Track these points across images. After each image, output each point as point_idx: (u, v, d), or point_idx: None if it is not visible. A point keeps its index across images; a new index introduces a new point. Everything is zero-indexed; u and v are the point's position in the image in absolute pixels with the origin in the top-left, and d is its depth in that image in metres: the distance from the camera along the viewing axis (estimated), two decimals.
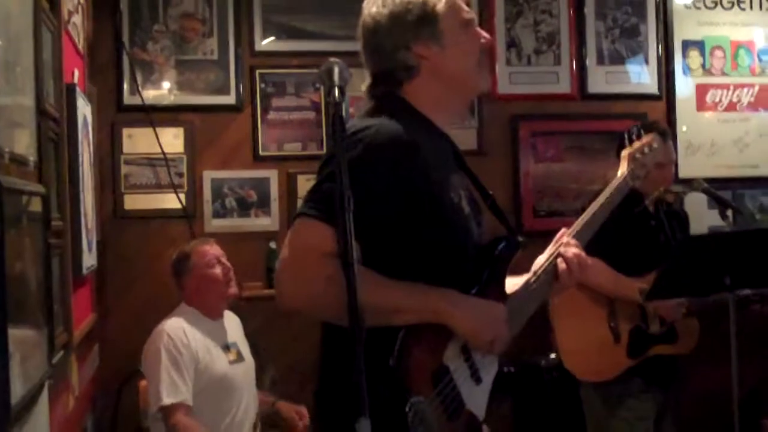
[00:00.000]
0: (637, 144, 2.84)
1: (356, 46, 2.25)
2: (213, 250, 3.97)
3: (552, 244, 2.37)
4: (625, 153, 2.81)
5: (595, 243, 3.76)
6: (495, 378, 2.18)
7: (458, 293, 2.06)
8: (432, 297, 2.00)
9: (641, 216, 3.97)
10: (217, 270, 3.90)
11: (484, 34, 2.27)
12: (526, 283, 2.28)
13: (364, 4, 2.23)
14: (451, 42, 2.18)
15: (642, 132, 2.92)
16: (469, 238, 2.17)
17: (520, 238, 2.25)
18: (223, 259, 3.96)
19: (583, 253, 2.32)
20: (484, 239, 2.25)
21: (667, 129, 4.12)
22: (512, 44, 5.31)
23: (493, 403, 2.17)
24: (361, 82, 2.26)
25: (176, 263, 3.97)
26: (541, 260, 2.33)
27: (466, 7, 2.25)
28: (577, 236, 2.41)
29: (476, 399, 2.11)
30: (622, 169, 2.75)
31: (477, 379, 2.12)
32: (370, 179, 1.93)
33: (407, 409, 1.89)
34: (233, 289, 3.96)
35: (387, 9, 2.16)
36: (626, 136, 2.93)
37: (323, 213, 1.90)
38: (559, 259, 2.29)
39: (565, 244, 2.33)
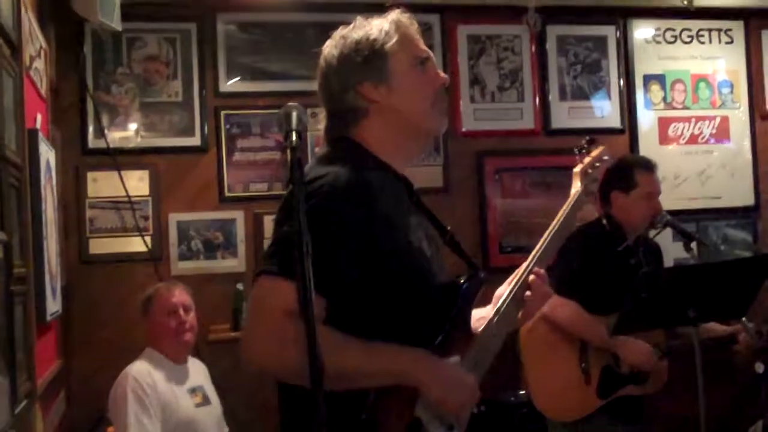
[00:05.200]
0: (587, 159, 2.81)
1: None
2: (176, 297, 3.93)
3: (513, 275, 2.34)
4: (576, 170, 2.78)
5: (576, 282, 3.74)
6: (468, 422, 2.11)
7: (428, 356, 1.99)
8: (400, 362, 1.94)
9: (623, 253, 3.98)
10: (171, 321, 3.87)
11: (441, 73, 2.20)
12: (490, 320, 2.21)
13: (323, 47, 2.19)
14: (401, 82, 2.12)
15: (591, 147, 2.87)
16: (432, 280, 2.11)
17: (482, 274, 2.19)
18: (181, 310, 3.91)
19: (544, 283, 2.29)
20: (445, 278, 2.18)
21: (652, 161, 4.14)
22: (476, 81, 5.35)
23: None
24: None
25: (142, 303, 3.97)
26: (501, 292, 2.30)
27: (421, 45, 2.19)
28: (537, 264, 2.36)
29: None
30: (575, 187, 2.73)
31: (449, 427, 2.04)
32: (330, 230, 1.88)
33: None
34: (186, 338, 3.92)
35: (338, 50, 2.14)
36: (576, 151, 2.87)
37: (285, 269, 1.83)
38: (527, 292, 2.27)
39: (527, 272, 2.30)
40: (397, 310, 2.00)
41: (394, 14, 2.18)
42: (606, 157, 2.87)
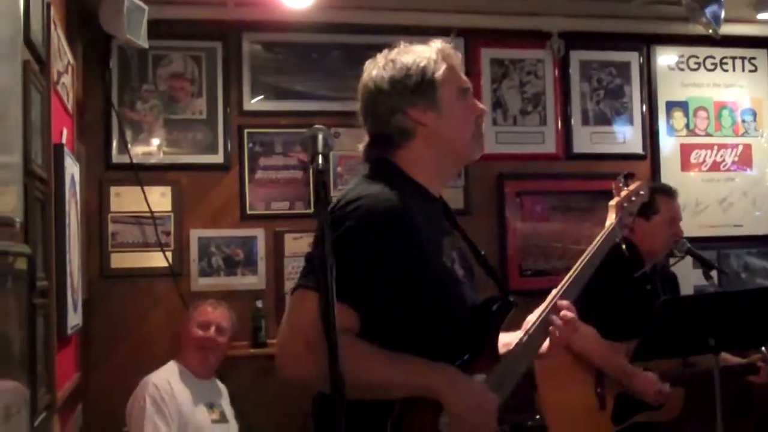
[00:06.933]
0: (624, 192, 2.83)
1: (344, 106, 2.31)
2: (213, 315, 4.08)
3: (544, 303, 2.37)
4: (612, 203, 2.80)
5: (591, 306, 3.71)
6: None
7: (454, 371, 2.06)
8: (426, 375, 2.02)
9: (639, 280, 3.98)
10: (199, 332, 3.96)
11: (479, 104, 2.32)
12: (518, 344, 2.27)
13: (366, 65, 2.29)
14: (448, 109, 2.21)
15: (628, 180, 2.89)
16: (462, 302, 2.19)
17: (512, 298, 2.26)
18: (213, 328, 4.02)
19: (573, 315, 2.31)
20: (478, 299, 2.26)
21: (673, 188, 4.16)
22: (498, 104, 5.36)
23: None
24: (351, 142, 2.30)
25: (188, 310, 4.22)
26: (531, 319, 2.34)
27: (464, 77, 2.30)
28: (566, 293, 2.41)
29: None
30: (610, 219, 2.75)
31: None
32: (364, 253, 1.99)
33: None
34: (208, 355, 4.02)
35: (387, 73, 2.21)
36: (613, 185, 2.87)
37: (317, 284, 1.87)
38: (550, 322, 2.29)
39: (557, 304, 2.33)
40: (427, 329, 2.08)
41: (439, 43, 2.27)
42: (642, 192, 2.89)
